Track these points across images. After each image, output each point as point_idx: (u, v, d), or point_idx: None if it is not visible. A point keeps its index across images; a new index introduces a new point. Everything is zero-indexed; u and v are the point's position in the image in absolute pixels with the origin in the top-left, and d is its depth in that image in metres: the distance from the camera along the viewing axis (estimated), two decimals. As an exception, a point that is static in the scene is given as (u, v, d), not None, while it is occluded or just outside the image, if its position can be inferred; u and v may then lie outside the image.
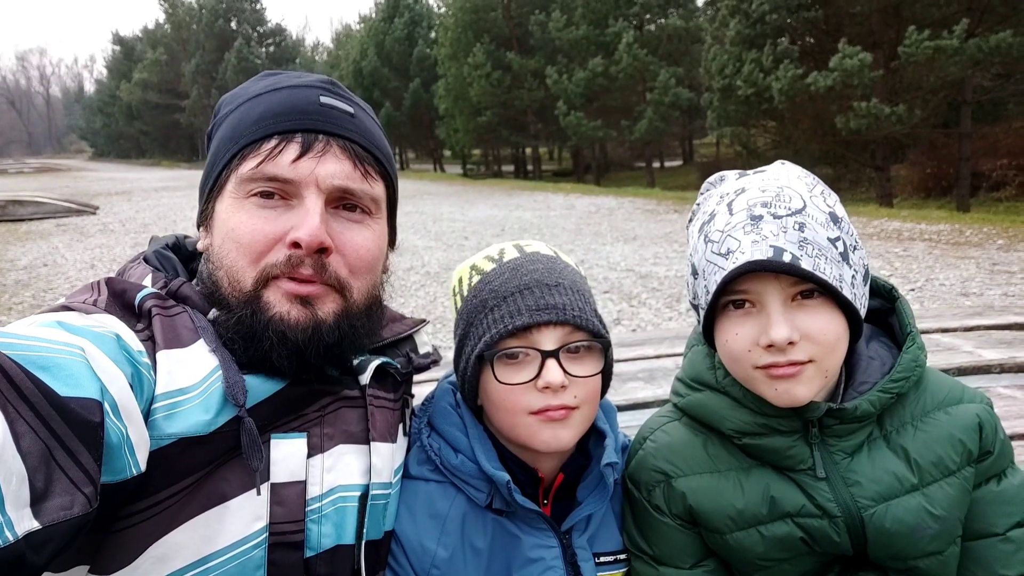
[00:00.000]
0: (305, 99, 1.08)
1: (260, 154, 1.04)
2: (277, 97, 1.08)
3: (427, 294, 8.32)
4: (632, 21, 26.59)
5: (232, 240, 1.04)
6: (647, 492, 1.25)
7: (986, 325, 3.98)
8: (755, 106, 19.03)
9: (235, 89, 1.17)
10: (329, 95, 1.10)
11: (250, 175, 1.03)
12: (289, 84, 1.10)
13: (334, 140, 1.06)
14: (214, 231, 1.08)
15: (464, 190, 23.25)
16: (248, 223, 1.03)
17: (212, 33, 52.23)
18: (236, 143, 1.06)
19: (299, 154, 1.03)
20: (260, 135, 1.05)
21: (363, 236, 1.10)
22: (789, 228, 1.04)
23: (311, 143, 1.04)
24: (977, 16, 16.03)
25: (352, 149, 1.08)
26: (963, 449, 1.15)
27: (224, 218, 1.06)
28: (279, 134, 1.04)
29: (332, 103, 1.09)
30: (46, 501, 0.71)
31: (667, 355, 3.72)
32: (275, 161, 1.03)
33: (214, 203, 1.09)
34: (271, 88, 1.10)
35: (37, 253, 12.08)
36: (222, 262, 1.05)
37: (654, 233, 12.25)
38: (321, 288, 1.04)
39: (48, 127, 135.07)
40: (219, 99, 1.18)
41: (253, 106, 1.08)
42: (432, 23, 38.90)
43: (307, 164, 1.03)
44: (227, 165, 1.07)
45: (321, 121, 1.06)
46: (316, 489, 1.06)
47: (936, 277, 7.91)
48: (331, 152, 1.05)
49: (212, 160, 1.11)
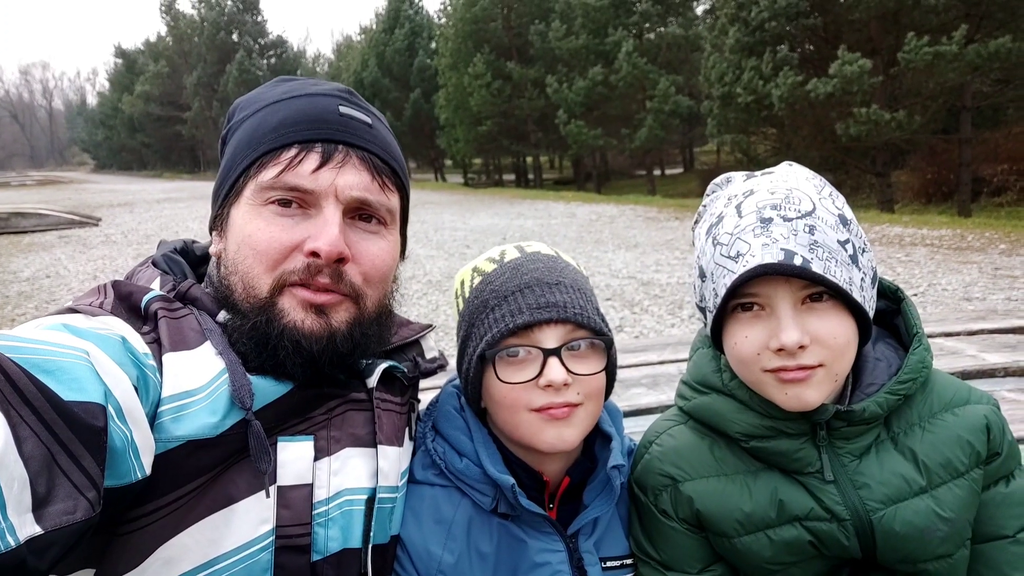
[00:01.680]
0: (324, 108, 1.07)
1: (280, 163, 1.03)
2: (296, 105, 1.07)
3: (429, 302, 8.32)
4: (631, 30, 26.68)
5: (249, 247, 1.04)
6: (654, 496, 1.24)
7: (990, 329, 3.97)
8: (755, 113, 19.08)
9: (250, 94, 1.17)
10: (348, 105, 1.10)
11: (270, 183, 1.03)
12: (307, 92, 1.10)
13: (353, 151, 1.06)
14: (229, 236, 1.08)
15: (465, 199, 23.29)
16: (266, 230, 1.03)
17: (214, 45, 52.42)
18: (255, 150, 1.06)
19: (319, 164, 1.03)
20: (280, 143, 1.04)
21: (379, 247, 1.10)
22: (799, 231, 1.04)
23: (331, 153, 1.04)
24: (976, 22, 16.09)
25: (371, 160, 1.08)
26: (971, 450, 1.14)
27: (241, 224, 1.05)
28: (299, 143, 1.04)
29: (351, 113, 1.09)
30: (48, 506, 0.71)
31: (670, 361, 3.71)
32: (295, 170, 1.03)
33: (229, 208, 1.09)
34: (289, 95, 1.09)
35: (40, 265, 12.11)
36: (237, 267, 1.05)
37: (655, 240, 12.25)
38: (336, 297, 1.05)
39: (50, 140, 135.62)
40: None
41: (271, 113, 1.08)
42: (432, 34, 39.10)
43: (327, 174, 1.03)
44: (245, 171, 1.07)
45: (341, 131, 1.06)
46: (323, 492, 1.05)
47: (939, 282, 7.90)
48: (350, 163, 1.05)
49: (228, 165, 1.11)
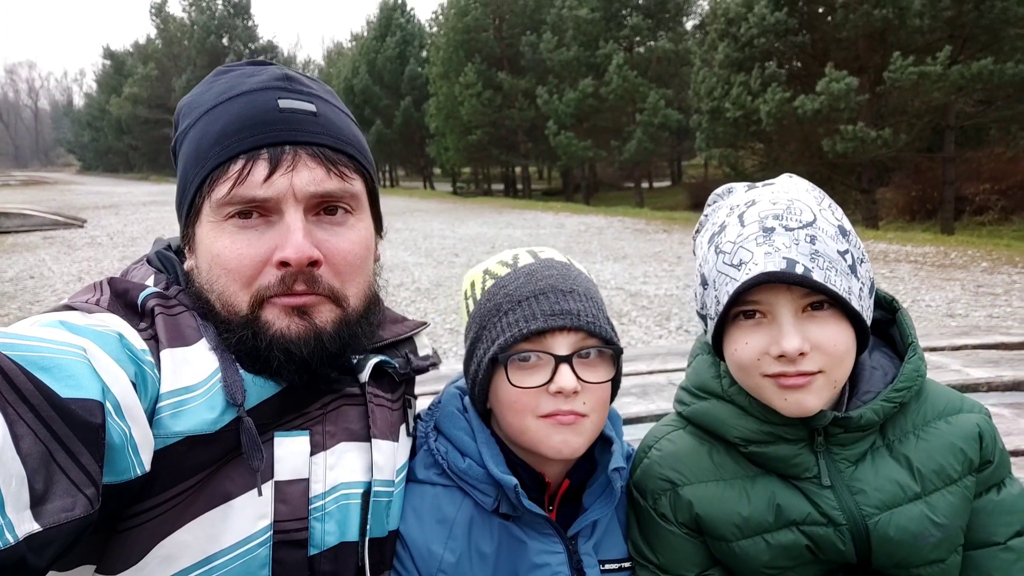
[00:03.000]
0: (263, 107, 1.03)
1: (229, 177, 1.00)
2: (234, 108, 1.03)
3: (417, 310, 8.32)
4: (622, 43, 26.90)
5: (219, 266, 1.02)
6: (653, 500, 1.26)
7: (973, 344, 4.04)
8: (743, 128, 19.27)
9: (189, 95, 1.12)
10: (287, 95, 1.05)
11: (225, 199, 1.00)
12: (244, 89, 1.05)
13: (301, 148, 1.02)
14: (198, 255, 1.06)
15: (454, 208, 23.31)
16: (232, 248, 1.01)
17: (203, 49, 52.25)
18: (202, 167, 1.03)
19: (269, 172, 0.99)
20: (225, 156, 1.01)
21: (348, 239, 1.07)
22: (801, 240, 1.06)
23: (279, 157, 1.00)
24: (960, 43, 16.37)
25: (322, 154, 1.03)
26: (964, 458, 1.17)
27: (207, 244, 1.03)
28: (244, 152, 1.00)
29: (292, 106, 1.04)
30: (47, 503, 0.71)
31: (660, 371, 3.74)
32: (246, 183, 0.99)
33: (193, 227, 1.07)
34: (226, 96, 1.05)
35: (24, 265, 11.99)
36: (212, 286, 1.03)
37: (643, 252, 12.31)
38: (315, 298, 1.04)
39: (35, 140, 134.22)
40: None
41: (212, 121, 1.04)
42: (424, 42, 39.18)
43: (280, 180, 1.00)
44: (198, 190, 1.04)
45: (284, 131, 1.02)
46: (319, 487, 1.06)
47: (922, 298, 8.00)
48: (301, 162, 1.01)
49: (182, 183, 1.08)
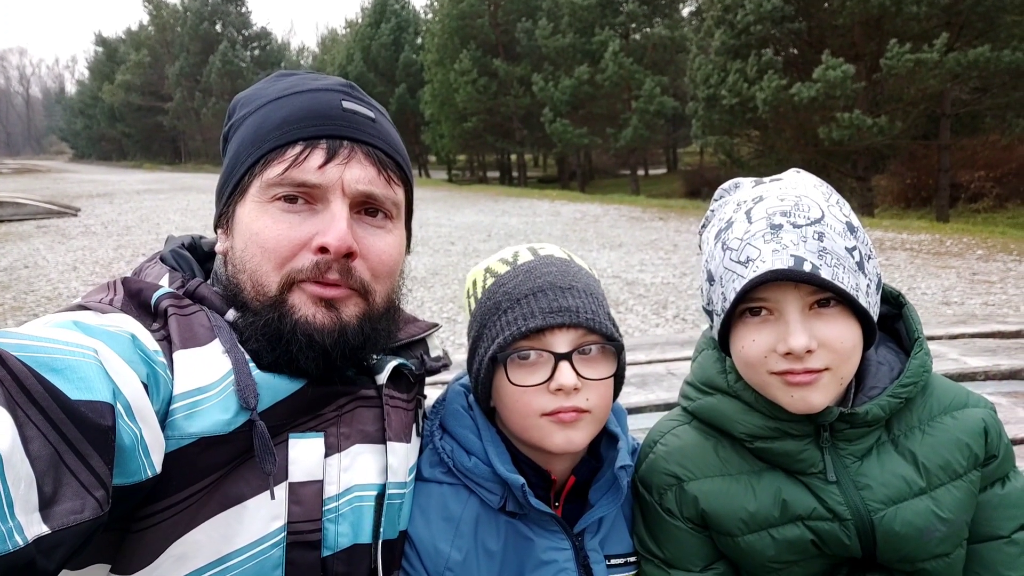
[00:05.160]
0: (327, 103, 1.08)
1: (285, 160, 1.03)
2: (298, 101, 1.08)
3: (414, 298, 8.30)
4: (618, 30, 26.77)
5: (256, 244, 1.04)
6: (659, 495, 1.26)
7: (970, 333, 4.05)
8: (739, 116, 19.24)
9: (249, 90, 1.16)
10: (350, 99, 1.10)
11: (276, 180, 1.03)
12: (309, 87, 1.10)
13: (358, 146, 1.07)
14: (235, 234, 1.08)
15: (450, 195, 23.23)
16: (273, 228, 1.03)
17: (197, 36, 51.73)
18: (259, 147, 1.06)
19: (325, 160, 1.03)
20: (284, 140, 1.04)
21: (385, 242, 1.10)
22: (809, 237, 1.06)
23: (336, 149, 1.05)
24: (956, 31, 16.35)
25: (376, 155, 1.08)
26: (969, 453, 1.17)
27: (247, 222, 1.05)
28: (304, 140, 1.04)
29: (354, 108, 1.09)
30: (56, 505, 0.70)
31: (658, 360, 3.74)
32: (301, 167, 1.03)
33: (235, 206, 1.08)
34: (291, 91, 1.09)
35: (17, 255, 11.90)
36: (245, 266, 1.05)
37: (639, 240, 12.31)
38: (345, 291, 1.05)
39: (27, 128, 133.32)
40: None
41: (274, 109, 1.08)
42: (419, 29, 39.00)
43: (333, 170, 1.04)
44: (250, 169, 1.07)
45: (345, 127, 1.07)
46: (333, 488, 1.06)
47: (918, 286, 8.02)
48: (356, 158, 1.06)
49: (232, 163, 1.10)
